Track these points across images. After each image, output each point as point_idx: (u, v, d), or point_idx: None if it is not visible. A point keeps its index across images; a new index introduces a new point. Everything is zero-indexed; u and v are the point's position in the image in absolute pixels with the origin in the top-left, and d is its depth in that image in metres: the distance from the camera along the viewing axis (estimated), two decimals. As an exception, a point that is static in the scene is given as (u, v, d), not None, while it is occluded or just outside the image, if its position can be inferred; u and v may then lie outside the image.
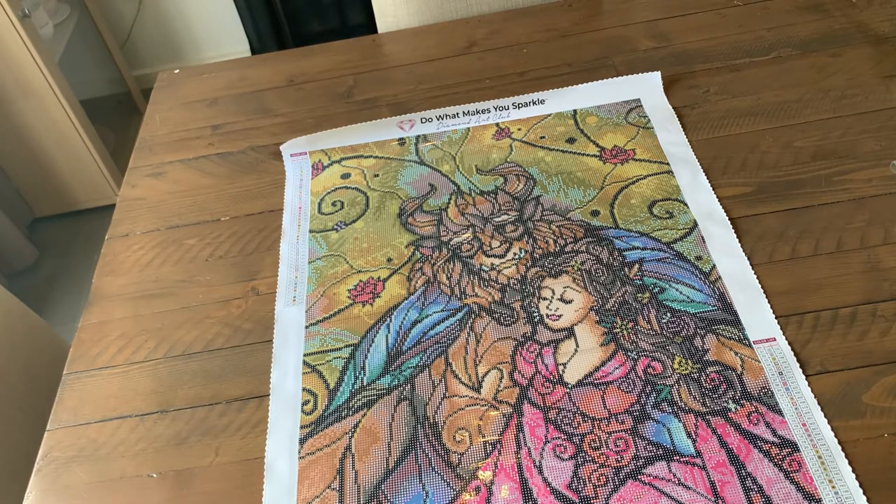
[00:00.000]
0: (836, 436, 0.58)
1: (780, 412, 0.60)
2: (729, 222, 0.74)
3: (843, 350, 0.63)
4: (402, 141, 0.90)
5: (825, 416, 0.59)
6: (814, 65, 0.90)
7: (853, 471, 0.56)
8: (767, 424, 0.60)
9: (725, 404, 0.61)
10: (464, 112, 0.92)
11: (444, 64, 1.01)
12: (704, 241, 0.73)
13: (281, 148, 0.91)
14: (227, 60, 1.09)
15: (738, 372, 0.63)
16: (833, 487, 0.56)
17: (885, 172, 0.77)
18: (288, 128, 0.95)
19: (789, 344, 0.64)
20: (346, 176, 0.87)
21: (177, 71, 1.08)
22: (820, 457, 0.57)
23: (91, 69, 2.30)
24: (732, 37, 0.96)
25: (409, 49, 1.05)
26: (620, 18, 1.03)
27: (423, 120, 0.92)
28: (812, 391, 0.61)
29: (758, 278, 0.69)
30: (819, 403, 0.60)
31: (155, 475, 0.64)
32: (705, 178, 0.79)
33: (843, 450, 0.57)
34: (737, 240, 0.73)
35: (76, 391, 0.71)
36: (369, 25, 1.46)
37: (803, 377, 0.62)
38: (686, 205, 0.77)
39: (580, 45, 0.99)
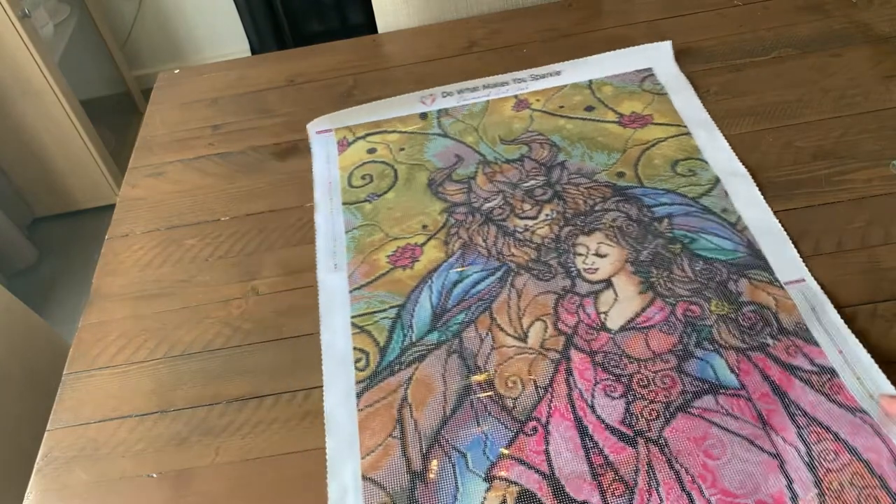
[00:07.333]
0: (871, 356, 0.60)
1: (816, 343, 0.62)
2: (750, 176, 0.77)
3: (843, 350, 0.63)
4: (423, 115, 0.92)
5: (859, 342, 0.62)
6: (814, 65, 0.90)
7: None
8: (805, 355, 0.62)
9: (764, 340, 0.63)
10: (483, 85, 0.94)
11: (444, 64, 1.01)
12: (728, 195, 0.76)
13: (307, 126, 0.93)
14: (227, 60, 1.09)
15: (773, 310, 0.65)
16: (874, 400, 0.58)
17: (885, 172, 0.77)
18: (288, 128, 0.95)
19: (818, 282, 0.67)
20: (372, 150, 0.89)
21: (177, 71, 1.08)
22: (858, 377, 0.59)
23: (91, 69, 2.30)
24: (732, 37, 0.96)
25: (409, 49, 1.05)
26: (620, 18, 1.03)
27: (444, 94, 0.94)
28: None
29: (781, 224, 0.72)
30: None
31: (155, 475, 0.64)
32: (722, 137, 0.82)
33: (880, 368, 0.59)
34: (759, 191, 0.75)
35: (76, 391, 0.71)
36: (369, 25, 1.46)
37: (835, 311, 0.64)
38: (706, 163, 0.80)
39: (580, 45, 0.99)
